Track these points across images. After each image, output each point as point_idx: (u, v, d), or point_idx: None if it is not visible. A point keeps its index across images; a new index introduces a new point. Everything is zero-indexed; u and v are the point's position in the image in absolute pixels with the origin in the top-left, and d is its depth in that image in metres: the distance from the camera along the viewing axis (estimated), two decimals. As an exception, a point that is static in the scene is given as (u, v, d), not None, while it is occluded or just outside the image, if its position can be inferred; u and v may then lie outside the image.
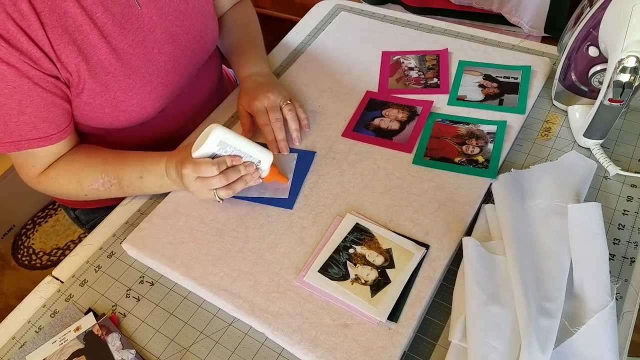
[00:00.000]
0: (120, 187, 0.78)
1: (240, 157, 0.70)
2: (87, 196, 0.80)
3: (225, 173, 0.69)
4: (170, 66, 0.82)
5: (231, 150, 0.69)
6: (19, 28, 0.65)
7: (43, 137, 0.74)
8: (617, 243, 0.68)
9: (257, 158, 0.72)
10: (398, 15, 1.08)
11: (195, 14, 0.84)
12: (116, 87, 0.76)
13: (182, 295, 0.70)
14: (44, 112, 0.72)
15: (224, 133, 0.68)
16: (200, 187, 0.70)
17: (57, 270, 0.75)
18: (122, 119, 0.81)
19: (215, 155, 0.69)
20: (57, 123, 0.74)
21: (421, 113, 0.85)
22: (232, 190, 0.71)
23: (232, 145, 0.69)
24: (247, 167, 0.71)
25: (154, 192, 0.79)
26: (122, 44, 0.75)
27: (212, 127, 0.67)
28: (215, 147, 0.68)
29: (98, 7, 0.71)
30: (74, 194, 0.80)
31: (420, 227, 0.70)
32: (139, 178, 0.76)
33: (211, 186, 0.69)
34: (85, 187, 0.78)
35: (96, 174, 0.77)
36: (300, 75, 0.97)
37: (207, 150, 0.68)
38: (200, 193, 0.72)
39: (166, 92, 0.84)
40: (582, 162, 0.74)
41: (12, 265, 1.75)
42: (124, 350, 0.64)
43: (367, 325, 0.61)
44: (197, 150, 0.68)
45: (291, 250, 0.70)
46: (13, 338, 0.68)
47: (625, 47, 0.64)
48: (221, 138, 0.68)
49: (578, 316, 0.58)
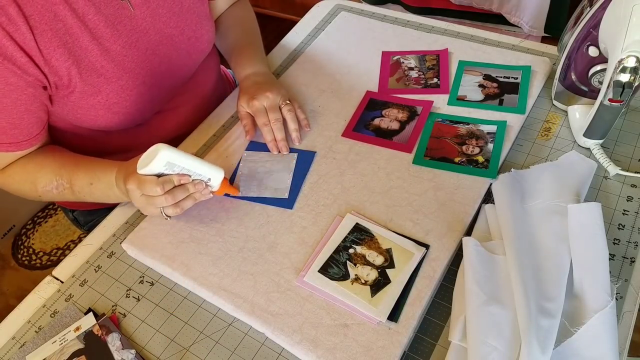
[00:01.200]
0: (72, 192, 0.76)
1: (188, 176, 0.68)
2: (41, 197, 0.79)
3: (172, 192, 0.67)
4: (165, 67, 0.82)
5: (179, 170, 0.67)
6: (5, 32, 0.64)
7: (13, 142, 0.73)
8: (617, 243, 0.68)
9: (207, 176, 0.70)
10: (398, 15, 1.08)
11: (190, 15, 0.83)
12: (108, 89, 0.76)
13: (182, 295, 0.70)
14: (15, 120, 0.71)
15: (171, 153, 0.65)
16: (146, 204, 0.68)
17: (57, 270, 0.75)
18: (116, 121, 0.80)
19: (162, 174, 0.67)
20: (29, 130, 0.74)
21: (421, 113, 0.85)
22: (179, 208, 0.69)
23: (180, 165, 0.66)
24: (195, 186, 0.69)
25: (104, 200, 0.77)
26: (115, 46, 0.74)
27: (159, 148, 0.64)
28: (162, 167, 0.65)
29: (90, 9, 0.70)
30: (29, 194, 0.79)
31: (420, 227, 0.70)
32: (89, 185, 0.74)
33: (157, 204, 0.67)
34: (39, 189, 0.77)
35: (50, 176, 0.76)
36: (300, 75, 0.97)
37: (153, 169, 0.65)
38: (145, 210, 0.70)
39: (161, 94, 0.83)
40: (582, 162, 0.74)
41: (12, 265, 1.75)
42: (124, 350, 0.64)
43: (367, 325, 0.61)
44: (142, 169, 0.65)
45: (291, 250, 0.70)
46: (13, 338, 0.68)
47: (625, 47, 0.64)
48: (168, 159, 0.65)
49: (578, 316, 0.58)
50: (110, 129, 0.82)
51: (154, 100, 0.83)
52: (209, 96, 0.98)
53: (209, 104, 0.97)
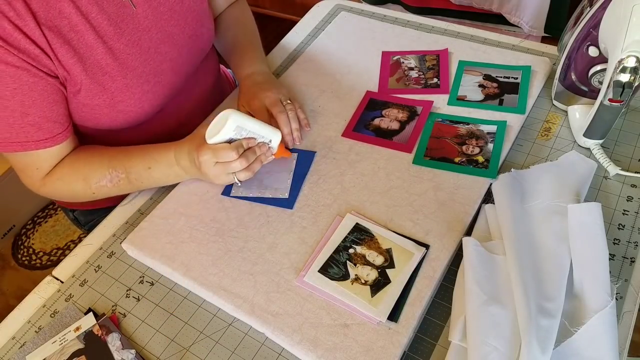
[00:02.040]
0: (129, 181, 0.77)
1: (254, 139, 0.72)
2: (94, 195, 0.79)
3: (245, 155, 0.70)
4: (167, 66, 0.82)
5: (246, 134, 0.71)
6: (15, 26, 0.65)
7: (49, 137, 0.73)
8: (617, 243, 0.68)
9: (269, 138, 0.74)
10: (398, 15, 1.08)
11: (190, 14, 0.84)
12: (113, 87, 0.76)
13: (182, 295, 0.70)
14: (47, 112, 0.72)
15: (240, 118, 0.69)
16: (220, 172, 0.71)
17: (57, 270, 0.75)
18: (120, 119, 0.81)
19: (231, 139, 0.70)
20: (61, 122, 0.74)
21: (421, 113, 0.85)
22: (251, 171, 0.73)
23: (247, 129, 0.71)
24: (260, 148, 0.73)
25: (163, 183, 0.79)
26: (118, 44, 0.75)
27: (229, 113, 0.69)
28: (232, 132, 0.69)
29: (93, 7, 0.71)
30: (82, 193, 0.79)
31: (420, 227, 0.70)
32: (147, 169, 0.76)
33: (232, 170, 0.71)
34: (93, 185, 0.77)
35: (103, 170, 0.77)
36: (300, 76, 0.97)
37: (224, 136, 0.69)
38: (218, 178, 0.72)
39: (163, 92, 0.84)
40: (582, 162, 0.74)
41: (12, 265, 1.75)
42: (124, 350, 0.64)
43: (367, 325, 0.61)
44: (214, 137, 0.69)
45: (291, 250, 0.70)
46: (13, 338, 0.68)
47: (625, 47, 0.64)
48: (238, 123, 0.69)
49: (578, 316, 0.58)
50: (113, 128, 0.82)
51: (156, 99, 0.83)
52: (208, 95, 0.98)
53: (208, 102, 0.97)
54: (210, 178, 0.73)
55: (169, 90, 0.85)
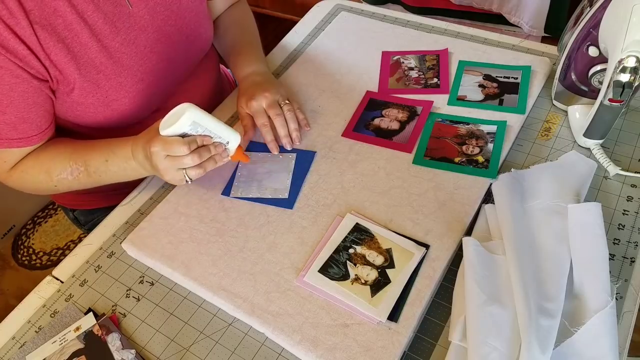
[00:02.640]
0: (88, 174, 0.76)
1: (210, 137, 0.69)
2: (56, 187, 0.78)
3: (198, 152, 0.67)
4: (163, 65, 0.82)
5: (202, 131, 0.68)
6: (5, 26, 0.65)
7: (23, 137, 0.73)
8: (617, 243, 0.68)
9: (226, 139, 0.71)
10: (398, 15, 1.08)
11: (188, 14, 0.84)
12: (107, 85, 0.76)
13: (182, 295, 0.70)
14: (24, 113, 0.71)
15: (198, 113, 0.66)
16: (170, 166, 0.68)
17: (57, 270, 0.75)
18: (115, 118, 0.80)
19: (185, 134, 0.68)
20: (38, 124, 0.74)
21: (421, 113, 0.85)
22: (202, 169, 0.69)
23: (204, 125, 0.68)
24: (216, 147, 0.70)
25: (122, 178, 0.77)
26: (114, 43, 0.75)
27: (185, 107, 0.66)
28: (187, 127, 0.66)
29: (89, 5, 0.71)
30: (44, 186, 0.78)
31: (420, 227, 0.70)
32: (104, 162, 0.74)
33: (182, 165, 0.67)
34: (54, 177, 0.77)
35: (64, 163, 0.76)
36: (300, 76, 0.97)
37: (178, 129, 0.66)
38: (167, 173, 0.69)
39: (159, 91, 0.84)
40: (582, 162, 0.74)
41: (12, 265, 1.75)
42: (124, 350, 0.64)
43: (367, 325, 0.61)
44: (167, 129, 0.66)
45: (291, 250, 0.70)
46: (13, 338, 0.68)
47: (625, 47, 0.64)
48: (194, 118, 0.66)
49: (578, 316, 0.58)
50: (109, 126, 0.82)
51: (152, 98, 0.83)
52: (208, 95, 0.98)
53: (208, 103, 0.97)
54: (161, 172, 0.70)
55: (164, 90, 0.85)
